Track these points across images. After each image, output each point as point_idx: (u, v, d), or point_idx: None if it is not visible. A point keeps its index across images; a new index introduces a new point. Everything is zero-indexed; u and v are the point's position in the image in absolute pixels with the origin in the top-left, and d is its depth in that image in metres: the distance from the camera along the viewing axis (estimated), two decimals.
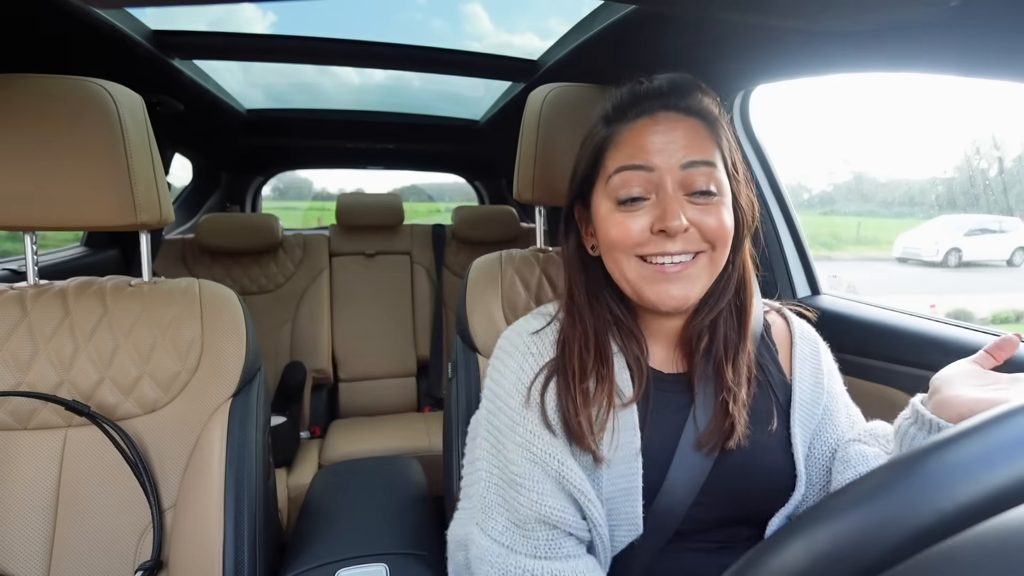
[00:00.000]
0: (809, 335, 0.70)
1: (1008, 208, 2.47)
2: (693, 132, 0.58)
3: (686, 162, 0.56)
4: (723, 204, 0.58)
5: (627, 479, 0.58)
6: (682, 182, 0.57)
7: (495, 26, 1.47)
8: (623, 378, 0.62)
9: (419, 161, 2.77)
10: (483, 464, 0.64)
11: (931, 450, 0.27)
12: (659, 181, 0.57)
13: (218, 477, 0.78)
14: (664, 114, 0.58)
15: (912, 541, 0.25)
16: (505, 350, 0.67)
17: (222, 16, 1.35)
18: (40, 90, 0.77)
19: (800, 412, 0.64)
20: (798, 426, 0.63)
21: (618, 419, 0.59)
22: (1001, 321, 3.24)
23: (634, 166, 0.58)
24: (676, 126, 0.58)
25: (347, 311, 2.11)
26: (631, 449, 0.59)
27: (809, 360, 0.67)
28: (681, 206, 0.56)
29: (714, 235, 0.57)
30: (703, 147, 0.57)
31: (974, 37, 0.66)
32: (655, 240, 0.57)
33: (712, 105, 0.60)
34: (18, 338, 0.80)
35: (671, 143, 0.57)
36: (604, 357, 0.62)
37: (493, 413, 0.65)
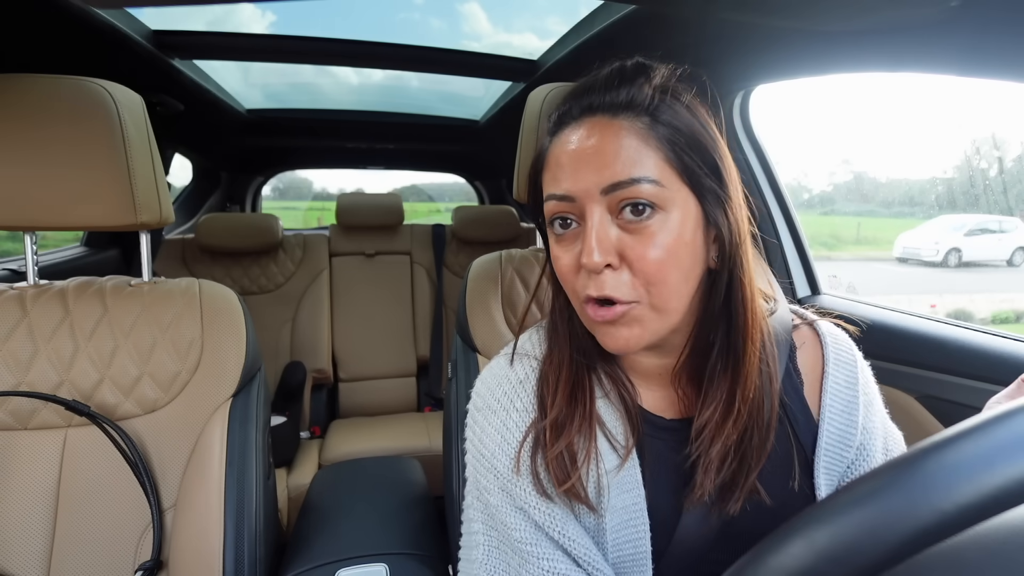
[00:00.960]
0: (846, 358, 0.57)
1: (1008, 208, 2.47)
2: (620, 142, 0.45)
3: (608, 185, 0.45)
4: (665, 222, 0.46)
5: (634, 544, 0.51)
6: (609, 206, 0.46)
7: (493, 26, 1.47)
8: (615, 426, 0.53)
9: (419, 161, 2.77)
10: (478, 526, 0.57)
11: (931, 450, 0.27)
12: (583, 210, 0.47)
13: (218, 477, 0.78)
14: (589, 119, 0.47)
15: (912, 541, 0.25)
16: (486, 401, 0.57)
17: (221, 16, 1.35)
18: (40, 90, 0.77)
19: (827, 459, 0.53)
20: (823, 475, 0.53)
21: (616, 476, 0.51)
22: (1001, 321, 3.24)
23: (555, 196, 0.48)
24: (598, 136, 0.46)
25: (347, 311, 2.11)
26: (636, 511, 0.51)
27: (843, 393, 0.55)
28: (602, 233, 0.46)
29: (648, 273, 0.46)
30: (634, 162, 0.45)
31: (974, 37, 0.66)
32: (584, 280, 0.48)
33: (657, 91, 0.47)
34: (18, 338, 0.80)
35: (589, 161, 0.46)
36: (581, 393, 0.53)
37: (481, 474, 0.56)
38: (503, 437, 0.54)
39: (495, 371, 0.59)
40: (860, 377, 0.57)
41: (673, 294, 0.47)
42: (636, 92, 0.47)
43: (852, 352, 0.58)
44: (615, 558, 0.51)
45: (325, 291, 2.06)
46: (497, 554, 0.55)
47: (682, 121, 0.47)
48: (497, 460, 0.54)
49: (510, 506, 0.53)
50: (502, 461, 0.53)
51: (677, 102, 0.48)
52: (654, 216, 0.45)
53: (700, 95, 0.51)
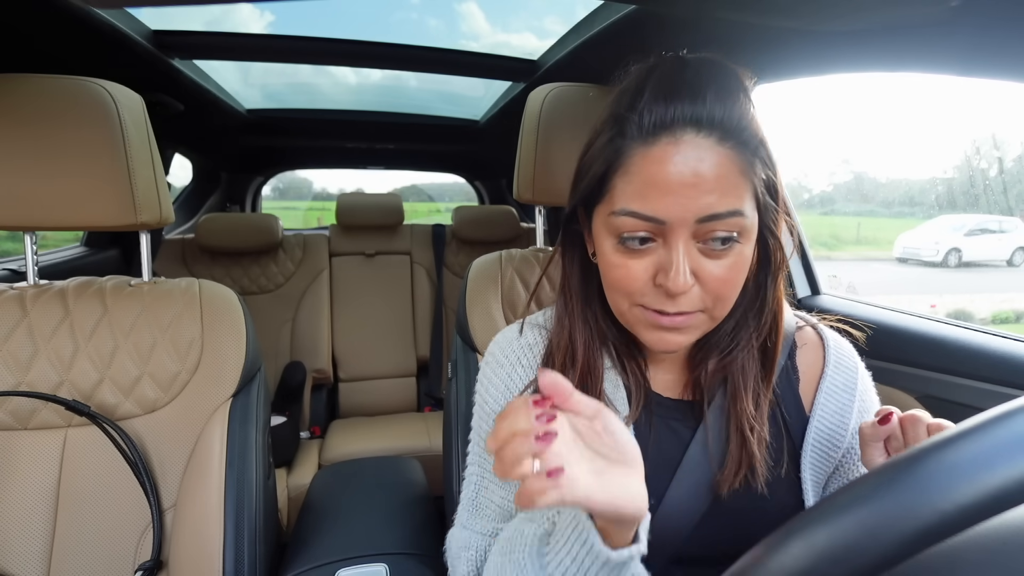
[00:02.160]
0: (847, 363, 0.59)
1: (1008, 208, 2.47)
2: (723, 171, 0.44)
3: (705, 216, 0.45)
4: (743, 246, 0.48)
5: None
6: (696, 233, 0.46)
7: (491, 26, 1.47)
8: (618, 396, 0.57)
9: (419, 161, 2.77)
10: (473, 469, 0.63)
11: (931, 450, 0.27)
12: (669, 232, 0.46)
13: (218, 477, 0.78)
14: (691, 137, 0.45)
15: (912, 541, 0.25)
16: (495, 357, 0.63)
17: (219, 16, 1.35)
18: (40, 90, 0.77)
19: (813, 454, 0.57)
20: (809, 469, 0.56)
21: None
22: (1001, 321, 3.25)
23: (643, 216, 0.46)
24: (703, 160, 0.44)
25: (347, 311, 2.11)
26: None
27: (839, 394, 0.58)
28: (689, 259, 0.47)
29: (721, 291, 0.48)
30: (731, 193, 0.45)
31: (974, 37, 0.66)
32: (654, 294, 0.49)
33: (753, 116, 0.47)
34: (18, 338, 0.80)
35: (692, 188, 0.44)
36: (592, 372, 0.57)
37: (482, 419, 0.62)
38: (506, 387, 0.60)
39: (507, 334, 0.64)
40: (859, 385, 0.59)
41: (728, 306, 0.51)
42: (744, 117, 0.45)
43: (854, 360, 0.60)
44: None
45: (325, 291, 2.06)
46: (484, 492, 0.60)
47: (770, 156, 0.48)
48: (498, 406, 0.59)
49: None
50: (502, 407, 0.58)
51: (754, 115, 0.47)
52: (735, 246, 0.47)
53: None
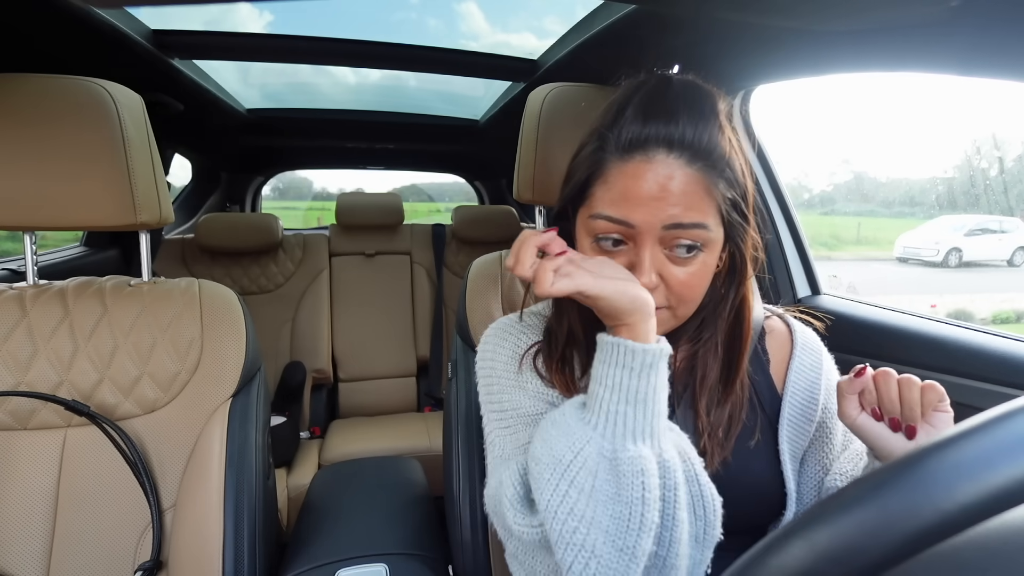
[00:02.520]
0: (812, 346, 0.67)
1: (1008, 208, 2.47)
2: (689, 189, 0.50)
3: (670, 224, 0.50)
4: (705, 256, 0.53)
5: None
6: (662, 240, 0.52)
7: (491, 25, 1.47)
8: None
9: (419, 161, 2.77)
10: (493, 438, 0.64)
11: (932, 450, 0.27)
12: (637, 236, 0.52)
13: (218, 477, 0.78)
14: (663, 157, 0.50)
15: (913, 541, 0.25)
16: (496, 334, 0.67)
17: (218, 16, 1.35)
18: (40, 90, 0.77)
19: (789, 427, 0.62)
20: (786, 442, 0.61)
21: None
22: (1002, 321, 3.24)
23: (615, 220, 0.52)
24: (672, 178, 0.50)
25: (347, 311, 2.11)
26: None
27: (807, 373, 0.64)
28: (654, 261, 0.52)
29: (682, 293, 0.54)
30: (695, 208, 0.50)
31: (974, 37, 0.66)
32: None
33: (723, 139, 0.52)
34: (18, 338, 0.80)
35: (660, 200, 0.50)
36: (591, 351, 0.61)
37: (492, 391, 0.64)
38: (513, 351, 0.64)
39: (505, 318, 0.69)
40: (824, 366, 0.66)
41: (692, 307, 0.56)
42: (713, 140, 0.51)
43: (818, 344, 0.68)
44: None
45: (325, 291, 2.06)
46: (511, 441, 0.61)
47: (738, 175, 0.53)
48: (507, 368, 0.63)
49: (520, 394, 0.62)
50: (511, 367, 0.63)
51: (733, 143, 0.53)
52: (699, 255, 0.53)
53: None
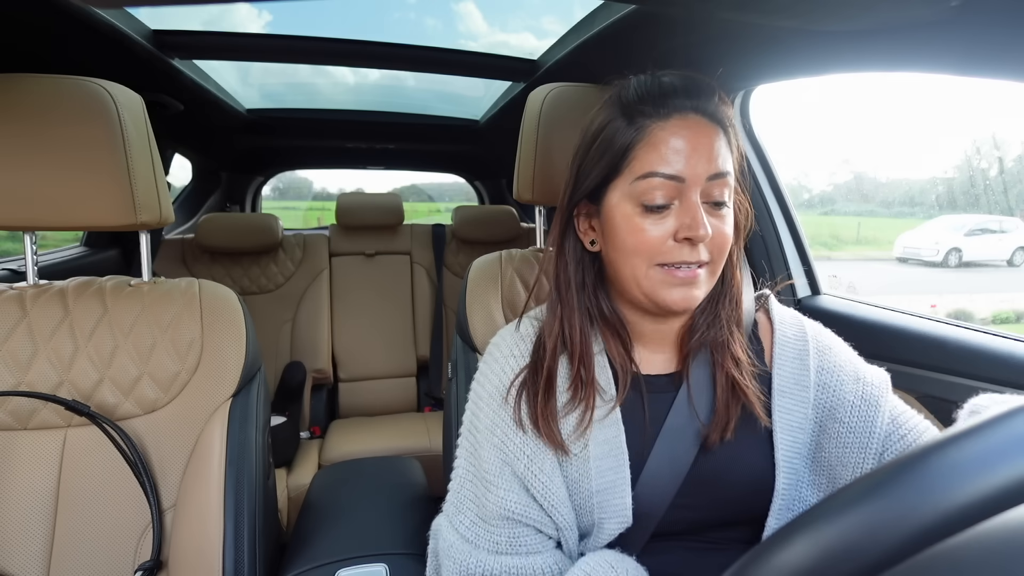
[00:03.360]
0: (791, 321, 0.67)
1: (1008, 208, 2.47)
2: (718, 141, 0.57)
3: (712, 174, 0.56)
4: (729, 212, 0.59)
5: (615, 471, 0.59)
6: (704, 191, 0.57)
7: (489, 25, 1.47)
8: (605, 377, 0.62)
9: (419, 161, 2.77)
10: (461, 461, 0.66)
11: (933, 450, 0.27)
12: (686, 191, 0.56)
13: (218, 477, 0.78)
14: (695, 117, 0.57)
15: (913, 541, 0.25)
16: (491, 352, 0.68)
17: (216, 16, 1.35)
18: (40, 90, 0.77)
19: (781, 401, 0.61)
20: (781, 412, 0.61)
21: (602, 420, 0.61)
22: (1002, 321, 3.24)
23: (667, 175, 0.56)
24: (705, 132, 0.57)
25: (347, 311, 2.11)
26: (617, 444, 0.60)
27: (792, 344, 0.65)
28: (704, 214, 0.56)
29: (722, 245, 0.58)
30: (725, 158, 0.57)
31: (974, 37, 0.66)
32: (676, 248, 0.57)
33: (728, 110, 0.59)
34: (18, 338, 0.80)
35: (701, 152, 0.56)
36: (585, 355, 0.62)
37: (475, 414, 0.66)
38: (500, 379, 0.64)
39: (504, 331, 0.71)
40: (809, 331, 0.66)
41: (723, 262, 0.60)
42: (723, 108, 0.59)
43: (798, 318, 0.68)
44: (599, 485, 0.59)
45: (325, 291, 2.06)
46: (469, 485, 0.63)
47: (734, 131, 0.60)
48: (492, 399, 0.64)
49: (489, 441, 0.62)
50: (495, 398, 0.63)
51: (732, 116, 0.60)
52: (725, 208, 0.58)
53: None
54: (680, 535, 0.62)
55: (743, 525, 0.63)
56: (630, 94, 0.59)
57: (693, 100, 0.57)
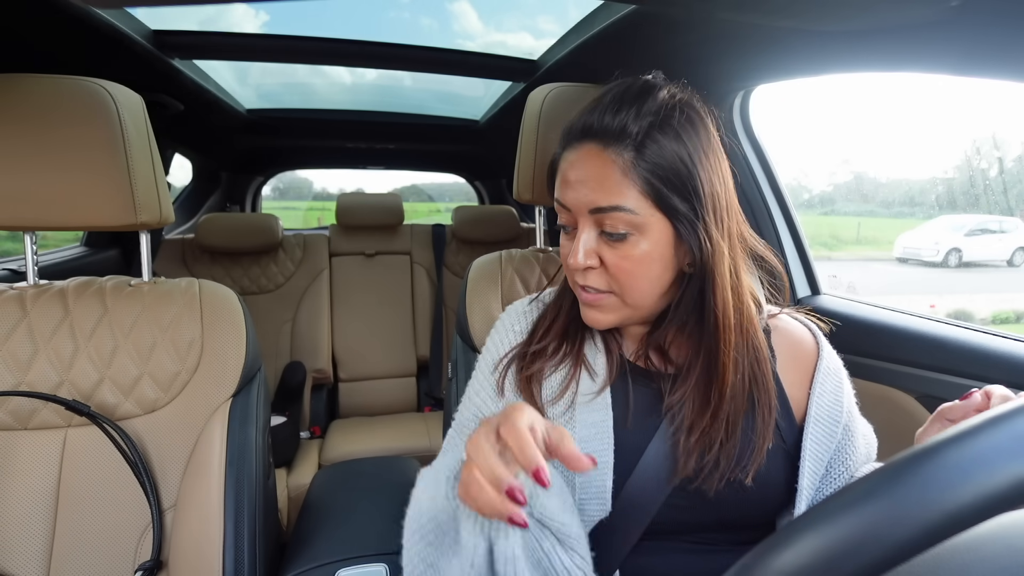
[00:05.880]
0: (833, 353, 0.66)
1: (1008, 208, 2.47)
2: (608, 171, 0.53)
3: (592, 208, 0.54)
4: (640, 240, 0.54)
5: (599, 455, 0.59)
6: (596, 222, 0.55)
7: (484, 25, 1.47)
8: (598, 361, 0.63)
9: (419, 161, 2.77)
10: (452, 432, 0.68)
11: (932, 450, 0.27)
12: (576, 219, 0.57)
13: (218, 477, 0.78)
14: (586, 146, 0.55)
15: (914, 540, 0.25)
16: (496, 327, 0.71)
17: (213, 16, 1.35)
18: (40, 90, 0.77)
19: (815, 427, 0.61)
20: (811, 441, 0.60)
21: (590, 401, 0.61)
22: (1001, 321, 3.24)
23: (559, 203, 0.59)
24: (589, 163, 0.54)
25: (347, 311, 2.11)
26: (604, 428, 0.60)
27: (832, 378, 0.63)
28: (587, 242, 0.56)
29: (620, 276, 0.56)
30: (611, 190, 0.53)
31: (974, 37, 0.66)
32: (580, 272, 0.58)
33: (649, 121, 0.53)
34: (18, 338, 0.80)
35: (582, 184, 0.55)
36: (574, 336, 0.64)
37: (476, 379, 0.69)
38: (498, 350, 0.67)
39: (520, 302, 0.73)
40: (843, 371, 0.65)
41: (640, 295, 0.57)
42: (630, 121, 0.53)
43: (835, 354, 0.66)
44: None
45: (325, 291, 2.06)
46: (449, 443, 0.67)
47: (666, 155, 0.53)
48: (484, 365, 0.67)
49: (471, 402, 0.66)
50: (486, 364, 0.67)
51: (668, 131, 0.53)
52: (629, 238, 0.54)
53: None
54: (678, 535, 0.62)
55: (744, 529, 0.62)
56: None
57: (592, 121, 0.55)
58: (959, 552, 0.27)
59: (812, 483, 0.60)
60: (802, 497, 0.59)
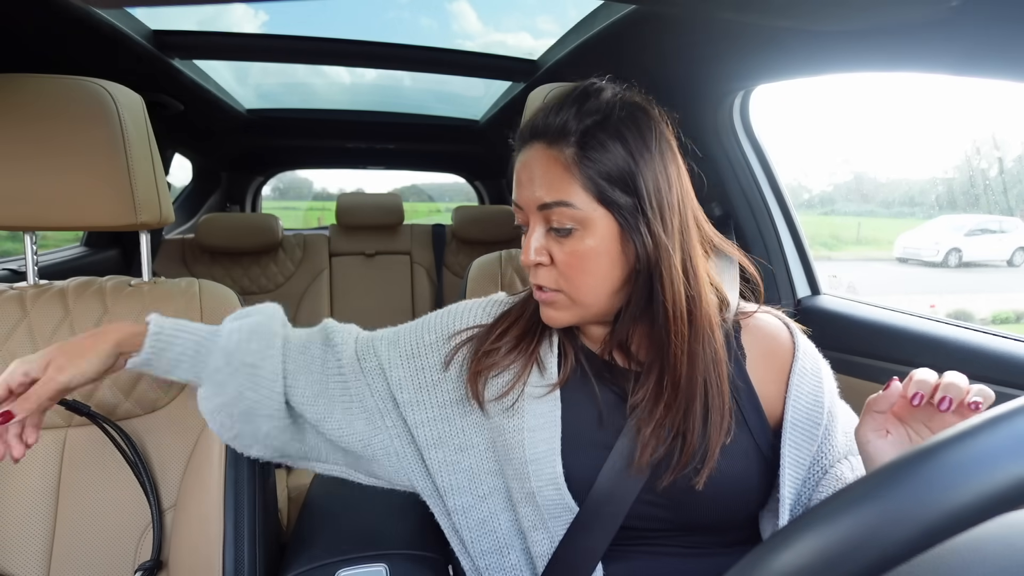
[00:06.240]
0: (811, 351, 0.65)
1: (1008, 208, 2.47)
2: (551, 167, 0.55)
3: (540, 203, 0.56)
4: (585, 236, 0.55)
5: (547, 442, 0.61)
6: (544, 218, 0.57)
7: (484, 25, 1.47)
8: (551, 362, 0.64)
9: (419, 161, 2.77)
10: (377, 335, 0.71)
11: (931, 450, 0.27)
12: (528, 218, 0.59)
13: (218, 477, 0.78)
14: (535, 146, 0.57)
15: (913, 541, 0.25)
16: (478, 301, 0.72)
17: (212, 16, 1.35)
18: (40, 90, 0.77)
19: (794, 431, 0.60)
20: (790, 446, 0.59)
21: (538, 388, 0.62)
22: (1001, 321, 3.24)
23: (514, 202, 0.60)
24: (536, 161, 0.57)
25: (347, 311, 2.11)
26: (552, 418, 0.61)
27: (810, 377, 0.62)
28: (538, 239, 0.57)
29: (568, 272, 0.57)
30: (555, 187, 0.55)
31: (974, 37, 0.66)
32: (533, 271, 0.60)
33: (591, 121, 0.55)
34: (18, 338, 0.80)
35: (530, 182, 0.57)
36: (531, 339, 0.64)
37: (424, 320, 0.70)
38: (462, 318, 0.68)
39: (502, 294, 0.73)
40: (823, 371, 0.64)
41: (589, 292, 0.57)
42: (571, 119, 0.55)
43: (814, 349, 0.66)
44: (532, 454, 0.60)
45: (325, 291, 2.06)
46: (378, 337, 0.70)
47: (607, 152, 0.54)
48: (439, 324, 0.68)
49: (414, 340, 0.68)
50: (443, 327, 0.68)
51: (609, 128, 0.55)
52: (574, 233, 0.56)
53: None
54: (664, 538, 0.61)
55: (730, 530, 0.62)
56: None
57: (540, 122, 0.57)
58: (959, 551, 0.27)
59: (794, 490, 0.59)
60: (785, 505, 0.59)
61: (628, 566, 0.61)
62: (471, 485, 0.66)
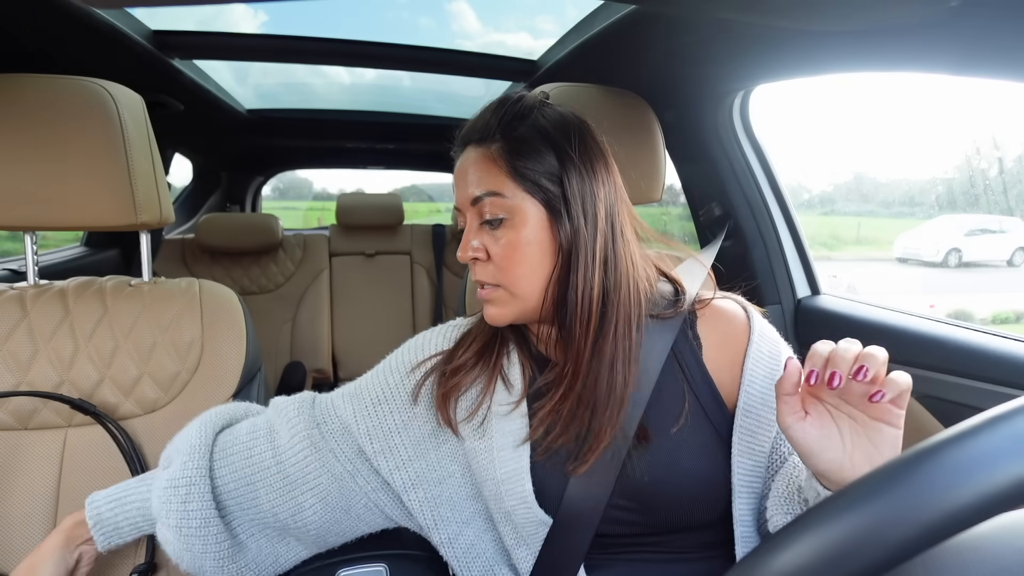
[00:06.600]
0: (770, 335, 0.63)
1: (1008, 208, 2.47)
2: (480, 163, 0.59)
3: (472, 197, 0.58)
4: (512, 227, 0.57)
5: (516, 460, 0.60)
6: (477, 213, 0.59)
7: (483, 25, 1.47)
8: (514, 374, 0.64)
9: (419, 161, 2.77)
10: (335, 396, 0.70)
11: (931, 451, 0.27)
12: (466, 217, 0.61)
13: None
14: (466, 150, 0.61)
15: (917, 539, 0.25)
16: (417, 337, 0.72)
17: (211, 15, 1.35)
18: (40, 90, 0.77)
19: (746, 419, 0.59)
20: (743, 432, 0.58)
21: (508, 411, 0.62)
22: (1001, 321, 3.24)
23: (456, 207, 0.63)
24: (467, 163, 0.60)
25: (347, 311, 2.11)
26: (520, 435, 0.61)
27: (766, 361, 0.61)
28: (479, 237, 0.59)
29: (500, 264, 0.58)
30: (485, 180, 0.58)
31: (974, 37, 0.66)
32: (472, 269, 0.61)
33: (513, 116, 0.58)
34: (18, 338, 0.80)
35: (464, 179, 0.60)
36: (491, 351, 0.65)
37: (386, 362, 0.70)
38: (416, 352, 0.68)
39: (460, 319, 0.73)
40: (783, 355, 0.62)
41: (523, 282, 0.58)
42: (492, 117, 0.59)
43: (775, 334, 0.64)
44: (504, 473, 0.60)
45: (325, 291, 2.06)
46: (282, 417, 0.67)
47: (528, 142, 0.57)
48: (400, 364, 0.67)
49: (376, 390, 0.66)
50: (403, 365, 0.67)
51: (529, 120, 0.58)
52: (506, 223, 0.57)
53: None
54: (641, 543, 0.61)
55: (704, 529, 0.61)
56: None
57: (471, 128, 0.61)
58: (960, 551, 0.27)
59: (747, 479, 0.58)
60: (738, 494, 0.58)
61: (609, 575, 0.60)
62: (453, 514, 0.66)
